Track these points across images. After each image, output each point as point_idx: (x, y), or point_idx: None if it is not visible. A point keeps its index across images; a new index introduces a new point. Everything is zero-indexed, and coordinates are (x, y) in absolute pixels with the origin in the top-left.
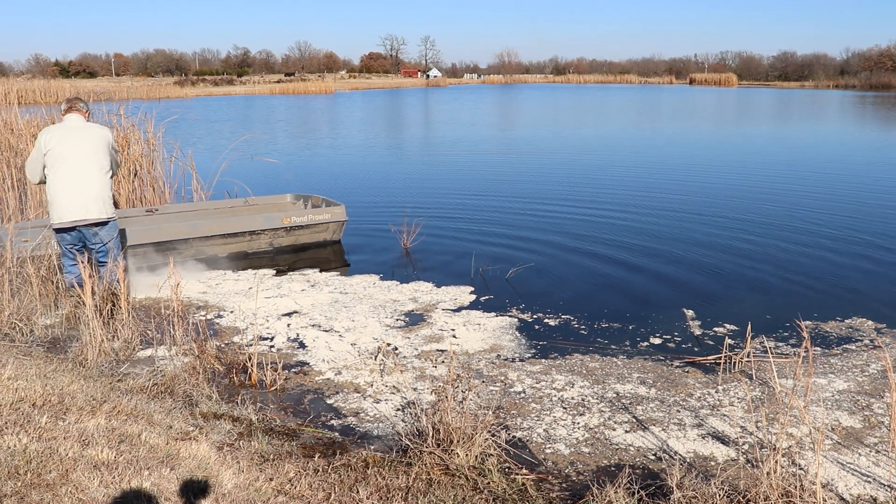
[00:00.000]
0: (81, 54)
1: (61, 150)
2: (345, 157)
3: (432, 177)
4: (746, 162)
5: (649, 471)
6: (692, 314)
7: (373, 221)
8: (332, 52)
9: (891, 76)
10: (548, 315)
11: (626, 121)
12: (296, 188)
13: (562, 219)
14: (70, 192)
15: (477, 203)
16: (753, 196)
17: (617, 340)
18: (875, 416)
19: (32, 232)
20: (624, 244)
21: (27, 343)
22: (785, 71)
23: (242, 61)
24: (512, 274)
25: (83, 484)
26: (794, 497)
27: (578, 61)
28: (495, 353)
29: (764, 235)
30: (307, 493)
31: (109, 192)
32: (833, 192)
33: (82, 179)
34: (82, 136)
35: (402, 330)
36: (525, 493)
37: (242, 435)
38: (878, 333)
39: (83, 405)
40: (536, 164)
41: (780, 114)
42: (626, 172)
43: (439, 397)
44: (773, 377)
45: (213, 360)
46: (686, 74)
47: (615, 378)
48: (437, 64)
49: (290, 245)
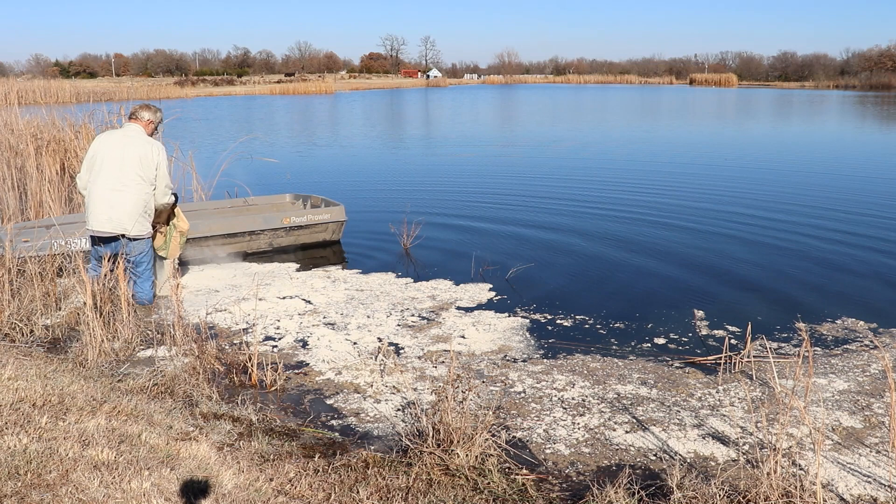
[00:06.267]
0: (82, 54)
1: (104, 158)
2: (345, 157)
3: (432, 176)
4: (745, 161)
5: (649, 471)
6: (693, 314)
7: (373, 221)
8: (332, 53)
9: (891, 76)
10: (548, 315)
11: (627, 120)
12: (295, 188)
13: (562, 218)
14: (105, 202)
15: (477, 202)
16: (753, 196)
17: (618, 340)
18: (875, 416)
19: (32, 232)
20: (624, 244)
21: (27, 343)
22: (785, 71)
23: (242, 61)
24: (512, 274)
25: (83, 484)
26: (795, 497)
27: (578, 61)
28: (501, 354)
29: (764, 235)
30: (307, 494)
31: (145, 209)
32: (833, 192)
33: (119, 191)
34: (128, 147)
35: (402, 329)
36: (525, 493)
37: (242, 435)
38: (878, 334)
39: (83, 405)
40: (536, 164)
41: (781, 114)
42: (625, 172)
43: (439, 397)
44: (774, 377)
45: (213, 361)
46: (686, 75)
47: (616, 378)
48: (437, 64)
49: (290, 245)
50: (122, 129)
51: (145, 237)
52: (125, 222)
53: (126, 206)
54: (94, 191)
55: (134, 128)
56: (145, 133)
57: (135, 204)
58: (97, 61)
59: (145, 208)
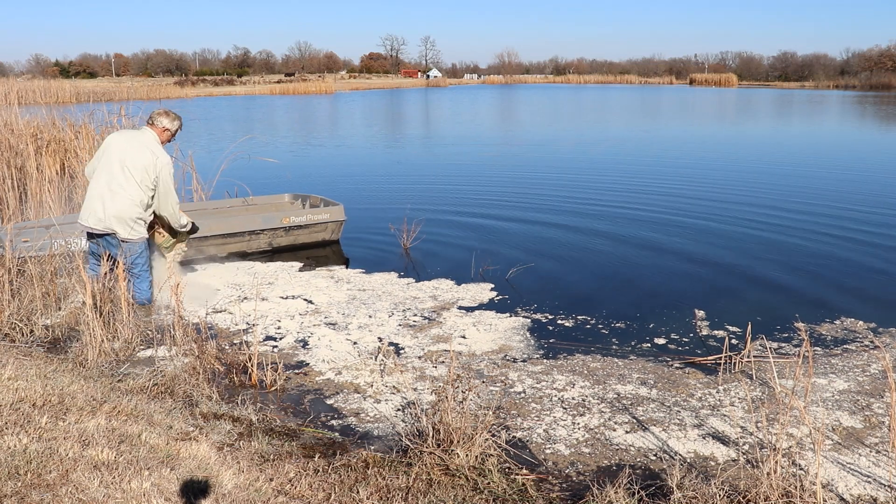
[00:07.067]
0: (82, 54)
1: (110, 155)
2: (344, 156)
3: (432, 176)
4: (744, 161)
5: (649, 471)
6: (693, 314)
7: (372, 221)
8: (332, 53)
9: (891, 76)
10: (548, 315)
11: (627, 120)
12: (295, 188)
13: (562, 218)
14: (99, 200)
15: (477, 202)
16: (753, 196)
17: (618, 340)
18: (875, 416)
19: (32, 232)
20: (624, 244)
21: (27, 343)
22: (785, 71)
23: (242, 61)
24: (512, 273)
25: (83, 484)
26: (795, 497)
27: (578, 61)
28: (502, 354)
29: (764, 235)
30: (307, 494)
31: (140, 214)
32: (833, 192)
33: (115, 192)
34: (135, 152)
35: (403, 329)
36: (525, 493)
37: (242, 435)
38: (878, 334)
39: (83, 405)
40: (536, 164)
41: (780, 114)
42: (626, 172)
43: (439, 397)
44: (774, 377)
45: (213, 361)
46: (686, 75)
47: (616, 378)
48: (437, 64)
49: (289, 245)
50: (138, 131)
51: (137, 240)
52: (114, 224)
53: (119, 208)
54: (93, 186)
55: (148, 133)
56: (158, 140)
57: (128, 207)
58: (97, 61)
59: (140, 214)
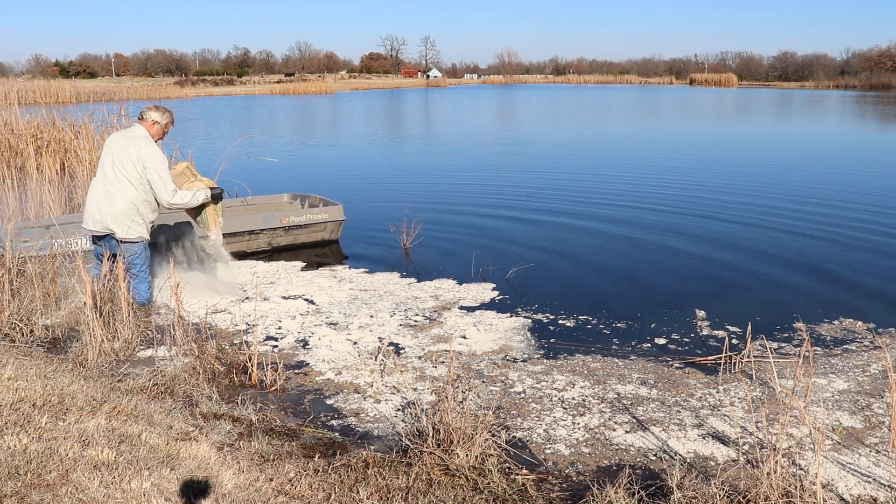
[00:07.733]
0: (82, 54)
1: (104, 157)
2: (344, 156)
3: (431, 176)
4: (744, 161)
5: (649, 471)
6: (693, 314)
7: (372, 221)
8: (332, 53)
9: (891, 76)
10: (549, 315)
11: (627, 119)
12: (294, 188)
13: (561, 218)
14: (95, 201)
15: (477, 202)
16: (753, 195)
17: (618, 340)
18: (875, 416)
19: (32, 232)
20: (624, 244)
21: (27, 343)
22: (785, 71)
23: (242, 62)
24: (512, 273)
25: (83, 484)
26: (795, 497)
27: (578, 61)
28: (502, 354)
29: (764, 235)
30: (307, 494)
31: (137, 213)
32: (833, 192)
33: (109, 193)
34: (124, 149)
35: (404, 329)
36: (525, 493)
37: (242, 435)
38: (878, 334)
39: (83, 405)
40: (536, 164)
41: (780, 114)
42: (626, 172)
43: (439, 397)
44: (774, 377)
45: (213, 361)
46: (686, 75)
47: (616, 378)
48: (437, 64)
49: (289, 245)
50: (128, 129)
51: (135, 240)
52: (110, 223)
53: (115, 208)
54: (91, 188)
55: (137, 129)
56: (148, 134)
57: (124, 206)
58: (97, 61)
59: (137, 212)
